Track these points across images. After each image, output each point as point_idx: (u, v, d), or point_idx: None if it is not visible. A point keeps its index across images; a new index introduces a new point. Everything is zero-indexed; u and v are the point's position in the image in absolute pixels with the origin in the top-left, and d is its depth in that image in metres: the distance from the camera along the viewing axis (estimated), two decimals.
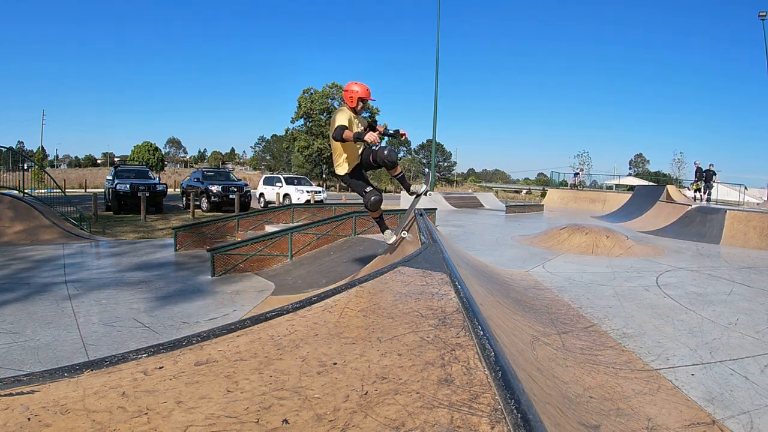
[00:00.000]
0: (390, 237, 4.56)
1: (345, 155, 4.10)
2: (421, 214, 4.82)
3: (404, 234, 4.48)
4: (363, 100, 3.99)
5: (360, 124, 4.12)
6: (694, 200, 17.62)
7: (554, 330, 3.14)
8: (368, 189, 4.16)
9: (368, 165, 4.19)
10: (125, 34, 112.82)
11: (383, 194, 4.81)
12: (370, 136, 3.61)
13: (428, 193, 4.65)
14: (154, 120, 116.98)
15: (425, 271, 2.50)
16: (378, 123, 4.50)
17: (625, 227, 11.46)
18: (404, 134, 4.31)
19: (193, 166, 66.40)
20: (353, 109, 4.00)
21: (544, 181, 49.45)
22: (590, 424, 1.73)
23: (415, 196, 4.65)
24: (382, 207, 4.60)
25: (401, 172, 4.29)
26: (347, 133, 3.72)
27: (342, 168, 4.16)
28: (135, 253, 8.74)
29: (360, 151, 4.15)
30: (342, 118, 3.88)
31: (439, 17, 23.15)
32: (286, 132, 55.78)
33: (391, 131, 4.28)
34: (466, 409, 1.15)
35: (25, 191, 12.30)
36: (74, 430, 1.06)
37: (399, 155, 74.25)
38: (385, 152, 3.97)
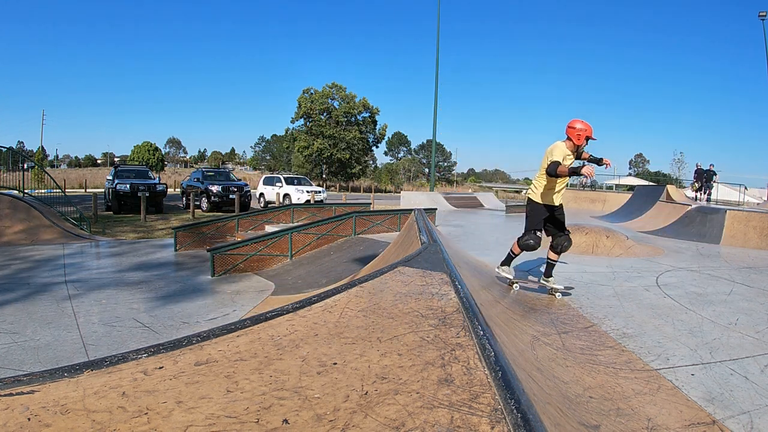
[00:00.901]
0: (505, 272, 4.41)
1: (543, 187, 4.15)
2: (422, 216, 4.81)
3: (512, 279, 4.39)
4: (588, 138, 4.05)
5: (572, 159, 4.15)
6: (695, 200, 17.68)
7: (554, 330, 3.14)
8: (536, 231, 4.13)
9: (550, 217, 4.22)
10: (125, 35, 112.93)
11: (383, 194, 4.76)
12: (587, 170, 3.71)
13: (514, 286, 4.44)
14: (154, 120, 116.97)
15: (425, 271, 2.50)
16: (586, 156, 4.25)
17: (625, 227, 11.46)
18: (608, 163, 4.24)
19: (193, 166, 66.40)
20: (577, 147, 4.06)
21: None
22: (590, 424, 1.73)
23: (500, 270, 4.45)
24: (380, 207, 4.58)
25: (556, 260, 4.31)
26: (561, 169, 3.83)
27: (534, 195, 4.22)
28: (135, 253, 8.74)
29: (555, 201, 4.23)
30: (558, 153, 3.94)
31: (439, 17, 23.17)
32: (286, 132, 55.82)
33: (596, 158, 4.29)
34: (466, 409, 1.15)
35: (25, 191, 12.30)
36: (74, 430, 1.06)
37: (399, 155, 74.38)
38: (565, 243, 4.18)
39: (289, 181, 20.37)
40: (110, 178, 18.02)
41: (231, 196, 17.33)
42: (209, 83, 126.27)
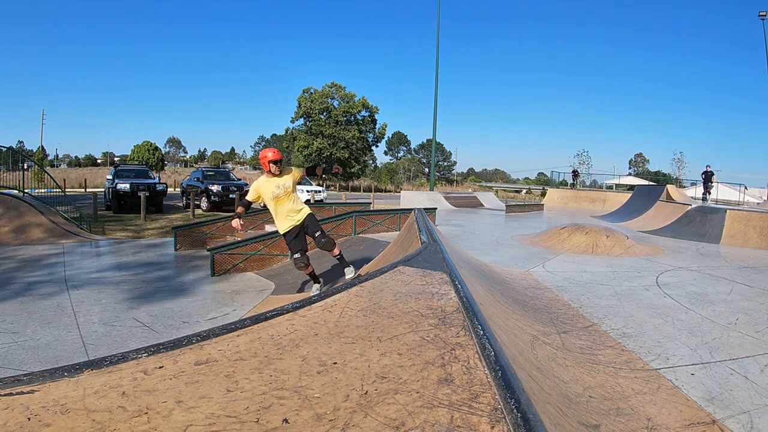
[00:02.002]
0: (351, 272, 5.02)
1: None
2: (422, 216, 4.82)
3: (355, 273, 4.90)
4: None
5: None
6: (703, 200, 17.99)
7: (554, 329, 3.14)
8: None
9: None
10: (125, 35, 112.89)
11: (383, 194, 5.09)
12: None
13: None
14: (154, 120, 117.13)
15: (425, 271, 2.50)
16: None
17: (625, 227, 11.46)
18: (338, 170, 5.02)
19: (193, 166, 66.40)
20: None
21: (544, 181, 49.50)
22: (590, 424, 1.73)
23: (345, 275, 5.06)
24: (380, 207, 4.90)
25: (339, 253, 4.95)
26: None
27: None
28: (135, 253, 8.74)
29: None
30: None
31: (439, 17, 23.16)
32: (286, 132, 55.75)
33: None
34: (466, 408, 1.15)
35: (25, 191, 12.30)
36: (74, 430, 1.06)
37: (399, 155, 74.33)
38: (322, 241, 4.73)
39: None
40: (110, 177, 18.01)
41: (231, 196, 17.35)
42: (209, 83, 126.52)
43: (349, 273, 4.97)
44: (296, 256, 4.72)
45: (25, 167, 14.57)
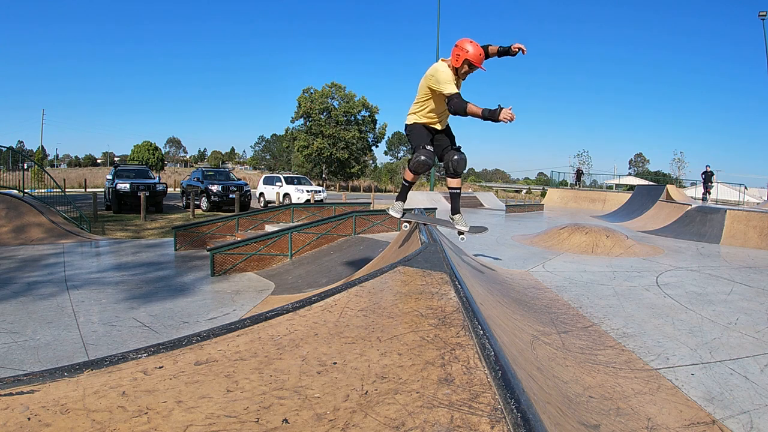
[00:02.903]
0: (396, 211, 4.39)
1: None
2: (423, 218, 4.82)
3: (405, 226, 4.43)
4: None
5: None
6: (703, 200, 18.12)
7: (554, 329, 3.14)
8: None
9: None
10: (126, 35, 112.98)
11: (383, 194, 4.73)
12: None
13: (462, 238, 4.50)
14: (154, 120, 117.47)
15: (425, 271, 2.50)
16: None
17: (625, 227, 11.46)
18: (520, 48, 3.72)
19: (193, 166, 66.48)
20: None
21: (544, 181, 49.52)
22: (590, 424, 1.73)
23: (451, 223, 4.41)
24: (380, 207, 4.58)
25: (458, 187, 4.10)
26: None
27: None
28: (135, 253, 8.74)
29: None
30: None
31: (439, 17, 23.18)
32: (286, 131, 55.77)
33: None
34: (466, 408, 1.15)
35: (25, 191, 12.30)
36: (74, 430, 1.06)
37: (399, 155, 74.24)
38: (455, 157, 3.86)
39: (289, 181, 20.36)
40: (110, 177, 18.03)
41: (231, 196, 17.37)
42: (209, 83, 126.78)
43: (460, 224, 4.28)
44: (421, 151, 3.81)
45: (25, 167, 14.57)
